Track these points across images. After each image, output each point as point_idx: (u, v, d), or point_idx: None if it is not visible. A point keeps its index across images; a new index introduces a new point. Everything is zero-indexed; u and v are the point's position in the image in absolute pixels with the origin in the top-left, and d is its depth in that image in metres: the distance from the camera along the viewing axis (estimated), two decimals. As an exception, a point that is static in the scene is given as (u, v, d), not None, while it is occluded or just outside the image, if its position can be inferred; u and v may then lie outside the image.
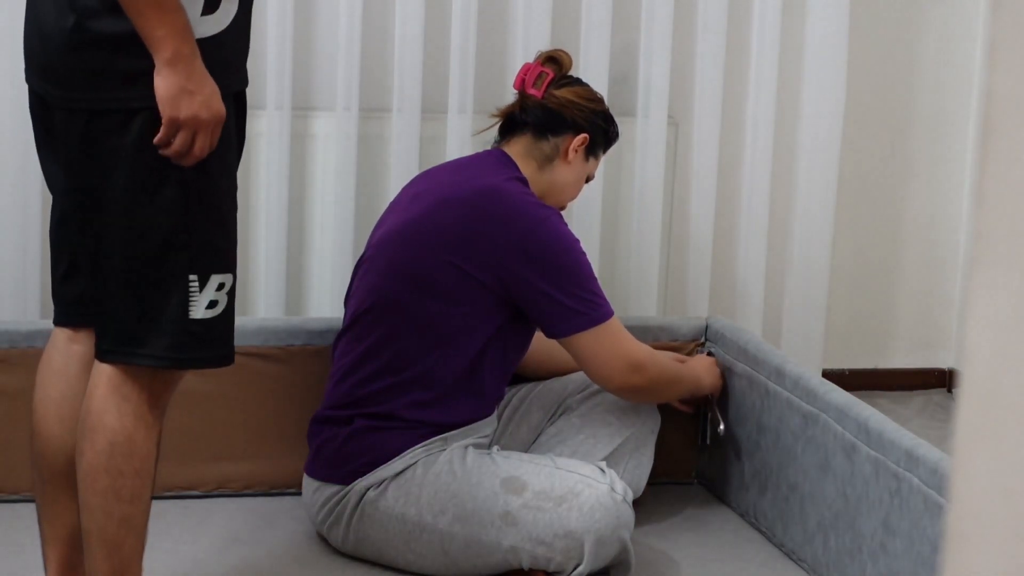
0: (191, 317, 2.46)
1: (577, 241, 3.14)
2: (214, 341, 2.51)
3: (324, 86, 3.92)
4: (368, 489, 3.09)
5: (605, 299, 3.15)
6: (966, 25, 4.41)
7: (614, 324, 3.14)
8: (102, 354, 2.51)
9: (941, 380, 4.60)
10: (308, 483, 3.18)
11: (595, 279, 3.15)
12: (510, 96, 3.34)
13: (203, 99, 2.37)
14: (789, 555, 3.27)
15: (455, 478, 3.05)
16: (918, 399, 4.52)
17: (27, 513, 3.24)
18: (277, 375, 3.43)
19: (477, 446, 3.15)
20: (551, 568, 3.03)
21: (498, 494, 3.03)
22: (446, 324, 3.08)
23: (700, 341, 3.66)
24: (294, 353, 3.43)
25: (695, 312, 4.12)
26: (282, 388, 3.42)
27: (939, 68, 4.42)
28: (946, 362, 4.59)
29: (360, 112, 3.89)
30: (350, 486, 3.10)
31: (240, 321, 3.49)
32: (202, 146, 2.39)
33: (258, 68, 3.83)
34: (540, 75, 3.22)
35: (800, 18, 4.15)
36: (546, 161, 3.21)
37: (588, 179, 3.30)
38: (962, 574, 0.95)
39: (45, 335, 3.30)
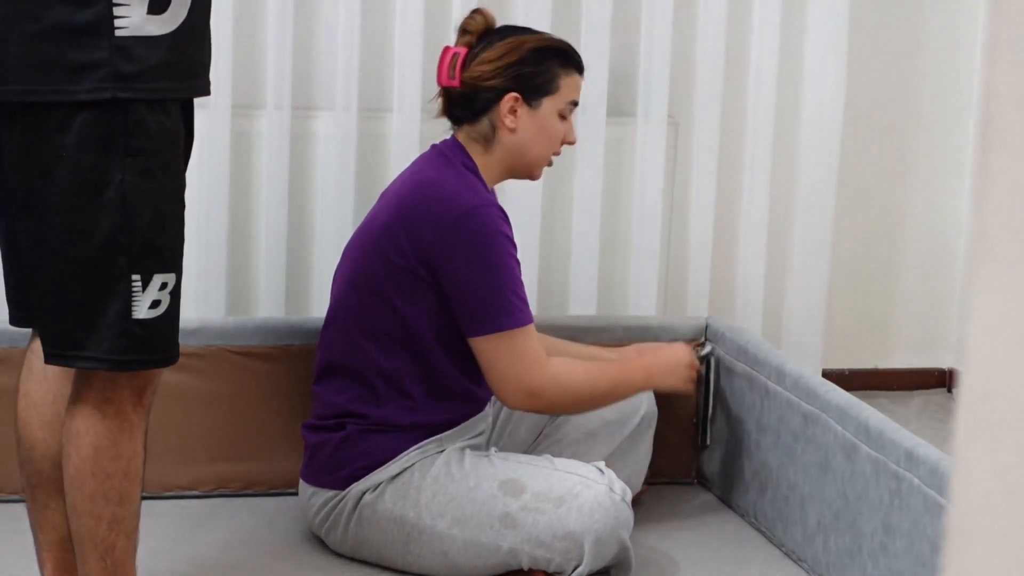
0: (133, 317, 2.43)
1: (506, 238, 3.02)
2: (157, 342, 2.47)
3: (324, 86, 3.92)
4: (364, 493, 3.09)
5: (522, 307, 3.01)
6: (966, 25, 4.41)
7: (521, 337, 3.01)
8: (46, 357, 2.50)
9: (941, 380, 4.60)
10: (304, 488, 3.18)
11: (517, 282, 3.02)
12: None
13: None
14: (789, 555, 3.27)
15: (453, 481, 3.05)
16: (918, 399, 4.52)
17: (27, 513, 3.24)
18: (277, 375, 3.43)
19: (474, 447, 3.15)
20: (551, 569, 3.02)
21: (496, 496, 3.02)
22: (400, 327, 3.07)
23: (700, 341, 3.65)
24: (294, 353, 3.43)
25: (695, 312, 4.12)
26: (282, 388, 3.42)
27: (939, 68, 4.42)
28: (946, 362, 4.59)
29: (360, 112, 3.89)
30: (346, 490, 3.10)
31: (240, 321, 3.50)
32: None
33: (258, 68, 3.83)
34: (452, 61, 3.13)
35: (800, 18, 4.15)
36: (488, 139, 3.12)
37: (563, 117, 3.14)
38: (962, 574, 0.95)
39: (45, 335, 3.31)
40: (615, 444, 3.29)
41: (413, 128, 3.90)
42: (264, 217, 3.86)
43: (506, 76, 3.10)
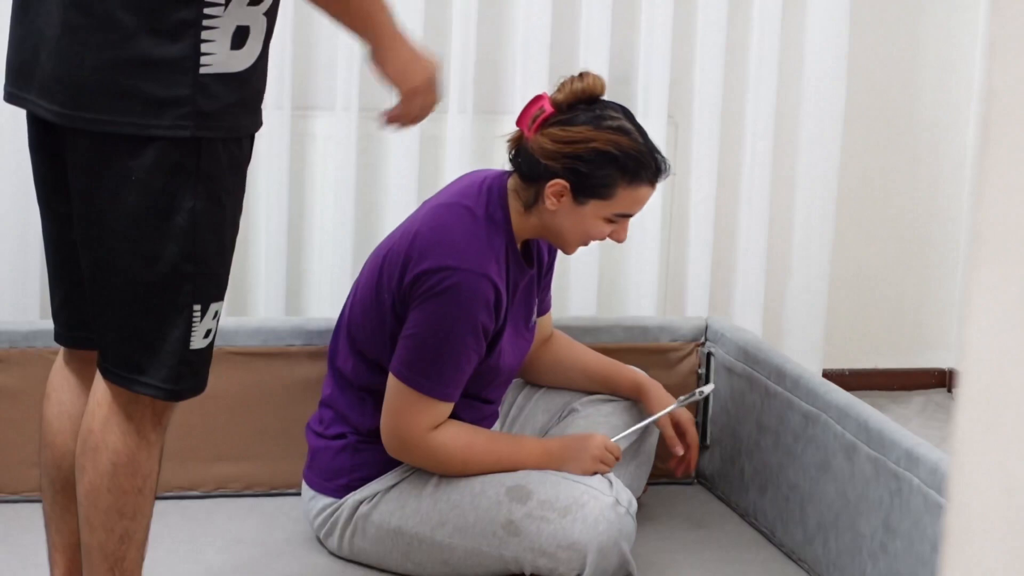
0: (191, 348, 2.44)
1: (472, 317, 2.94)
2: (202, 370, 2.49)
3: (324, 86, 3.92)
4: (360, 504, 3.08)
5: (446, 383, 2.96)
6: (966, 25, 4.41)
7: (424, 403, 2.97)
8: (103, 371, 2.48)
9: (941, 380, 4.60)
10: (305, 490, 3.18)
11: (458, 360, 2.95)
12: (509, 96, 3.33)
13: (426, 61, 2.55)
14: (789, 555, 3.27)
15: (456, 489, 3.04)
16: (918, 399, 4.52)
17: (27, 513, 3.24)
18: (277, 375, 3.43)
19: None
20: (553, 578, 3.02)
21: (502, 503, 3.01)
22: (380, 352, 3.06)
23: (700, 341, 3.66)
24: (294, 353, 3.43)
25: (695, 312, 4.12)
26: (282, 388, 3.42)
27: (939, 67, 4.42)
28: (946, 362, 4.59)
29: (360, 112, 3.89)
30: (343, 499, 3.10)
31: (240, 321, 3.50)
32: (431, 103, 2.59)
33: (258, 68, 3.83)
34: (536, 114, 3.02)
35: (800, 18, 4.15)
36: (529, 205, 3.04)
37: (610, 221, 3.01)
38: (962, 574, 0.95)
39: (45, 335, 3.30)
40: (622, 447, 3.29)
41: (413, 128, 3.89)
42: (264, 217, 3.86)
43: (562, 164, 2.99)
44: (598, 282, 4.05)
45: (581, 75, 3.05)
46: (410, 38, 2.53)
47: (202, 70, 2.33)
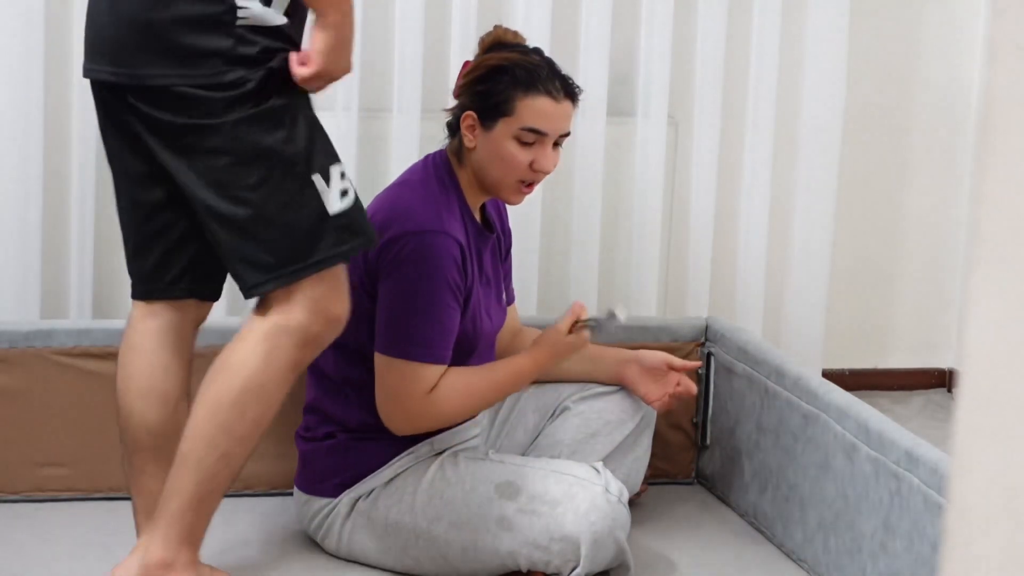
0: (331, 213, 2.58)
1: (443, 271, 2.96)
2: (358, 227, 2.63)
3: (324, 86, 3.91)
4: (358, 500, 3.08)
5: (433, 341, 2.98)
6: (966, 25, 4.41)
7: (417, 370, 2.97)
8: (253, 287, 2.61)
9: (941, 380, 4.60)
10: (298, 495, 3.18)
11: (439, 316, 2.97)
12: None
13: (349, 55, 2.58)
14: (789, 555, 3.27)
15: (449, 484, 3.04)
16: (918, 399, 4.52)
17: (27, 513, 3.25)
18: (277, 375, 3.42)
19: (467, 453, 3.13)
20: (549, 571, 3.02)
21: (493, 500, 3.02)
22: (367, 337, 3.04)
23: (700, 341, 3.66)
24: (294, 353, 3.43)
25: (695, 312, 4.12)
26: (282, 388, 3.42)
27: (939, 67, 4.42)
28: (946, 362, 4.59)
29: (360, 112, 3.89)
30: (338, 498, 3.10)
31: (240, 321, 3.49)
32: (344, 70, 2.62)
33: (258, 68, 3.82)
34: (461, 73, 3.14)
35: (800, 18, 4.15)
36: (459, 155, 3.10)
37: (522, 142, 3.02)
38: (962, 574, 0.95)
39: (45, 335, 3.31)
40: (615, 443, 3.29)
41: (413, 128, 3.90)
42: (264, 217, 3.86)
43: (468, 94, 3.07)
44: (598, 282, 4.05)
45: (493, 28, 3.17)
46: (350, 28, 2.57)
47: (240, 23, 2.55)
